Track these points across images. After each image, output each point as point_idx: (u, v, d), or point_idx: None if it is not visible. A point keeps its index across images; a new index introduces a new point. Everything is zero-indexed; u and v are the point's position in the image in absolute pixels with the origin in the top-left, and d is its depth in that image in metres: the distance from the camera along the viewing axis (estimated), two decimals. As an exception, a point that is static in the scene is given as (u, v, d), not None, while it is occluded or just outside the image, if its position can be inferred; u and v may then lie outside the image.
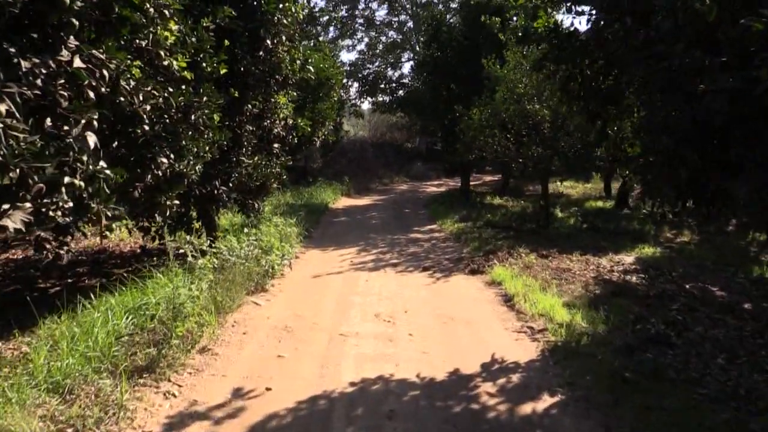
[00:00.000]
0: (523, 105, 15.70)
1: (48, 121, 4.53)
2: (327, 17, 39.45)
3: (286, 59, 10.08)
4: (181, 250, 8.92)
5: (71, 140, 4.71)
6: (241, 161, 10.16)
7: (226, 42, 7.70)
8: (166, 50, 5.90)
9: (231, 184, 9.97)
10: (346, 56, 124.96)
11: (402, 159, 39.56)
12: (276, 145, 11.87)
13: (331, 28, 40.72)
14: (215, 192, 9.53)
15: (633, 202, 21.89)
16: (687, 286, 10.43)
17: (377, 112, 42.35)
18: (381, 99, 41.57)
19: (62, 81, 4.50)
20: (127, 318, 6.60)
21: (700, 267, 11.87)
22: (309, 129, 12.62)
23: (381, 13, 42.50)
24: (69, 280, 10.35)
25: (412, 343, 7.09)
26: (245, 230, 10.82)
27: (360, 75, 41.15)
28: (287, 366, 6.34)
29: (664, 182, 6.03)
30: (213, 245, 9.49)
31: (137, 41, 5.64)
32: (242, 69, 9.31)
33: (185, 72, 6.19)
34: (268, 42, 9.34)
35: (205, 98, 6.90)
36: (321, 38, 27.16)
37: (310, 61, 11.63)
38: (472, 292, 9.59)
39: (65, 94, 4.51)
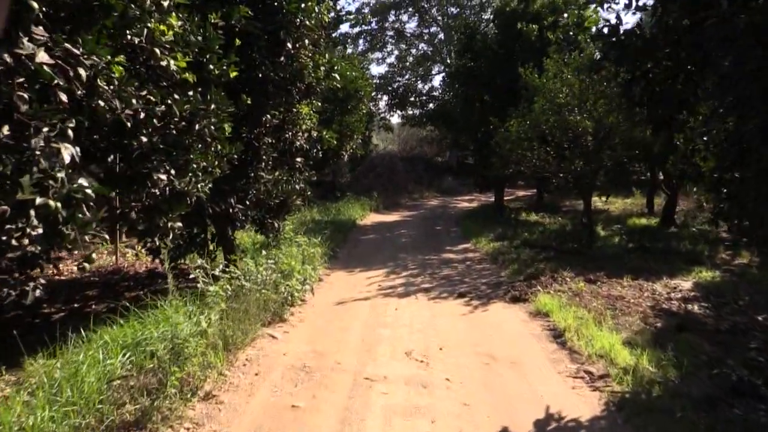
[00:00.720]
0: (564, 116, 14.59)
1: (5, 130, 3.66)
2: (357, 29, 38.88)
3: (309, 65, 9.20)
4: (192, 275, 8.04)
5: (38, 153, 3.83)
6: (260, 176, 9.27)
7: (238, 41, 6.81)
8: (164, 48, 5.02)
9: (248, 202, 9.08)
10: (376, 69, 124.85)
11: (432, 173, 38.54)
12: (299, 159, 10.97)
13: (361, 41, 40.13)
14: (230, 210, 8.64)
15: (681, 219, 20.52)
16: (760, 318, 9.17)
17: (407, 125, 41.51)
18: (411, 112, 40.76)
19: (21, 80, 3.62)
20: (124, 355, 5.70)
21: (771, 295, 10.57)
22: (335, 142, 11.67)
23: (411, 25, 41.97)
24: (76, 305, 9.57)
25: (449, 391, 6.02)
26: (264, 252, 9.90)
27: (389, 88, 40.40)
28: (303, 419, 5.34)
29: (761, 201, 4.91)
30: (228, 269, 8.59)
31: (128, 37, 4.77)
32: (260, 75, 8.44)
33: (186, 74, 5.31)
34: (289, 45, 8.46)
35: (213, 106, 6.00)
36: (350, 50, 26.45)
37: (336, 68, 10.71)
38: (516, 325, 8.48)
39: (25, 96, 3.63)
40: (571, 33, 16.69)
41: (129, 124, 4.56)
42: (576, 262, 13.27)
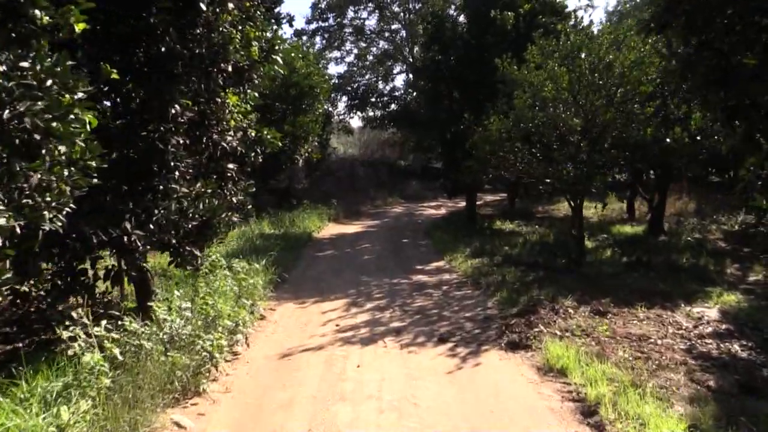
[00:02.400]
0: (552, 112, 12.46)
1: None
2: (313, 26, 36.36)
3: (235, 38, 6.74)
4: (64, 334, 5.51)
5: None
6: (171, 190, 6.75)
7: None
8: None
9: (154, 225, 6.55)
10: (334, 69, 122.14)
11: (395, 178, 36.24)
12: (231, 166, 8.49)
13: (318, 38, 37.58)
14: (124, 239, 6.10)
15: (667, 226, 18.70)
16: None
17: (368, 127, 39.16)
18: (372, 114, 38.46)
19: None
20: None
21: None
22: (279, 143, 9.25)
23: (371, 23, 40.03)
24: None
25: None
26: (179, 292, 7.35)
27: (349, 88, 37.95)
28: None
29: None
30: (121, 324, 6.06)
31: None
32: (163, 49, 5.94)
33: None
34: (203, 6, 5.98)
35: (46, 76, 3.51)
36: (306, 47, 23.94)
37: (276, 48, 8.24)
38: (523, 390, 6.17)
39: None
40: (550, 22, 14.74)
41: None
42: (571, 283, 11.15)
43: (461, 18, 19.28)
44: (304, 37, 34.75)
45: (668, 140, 12.56)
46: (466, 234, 18.35)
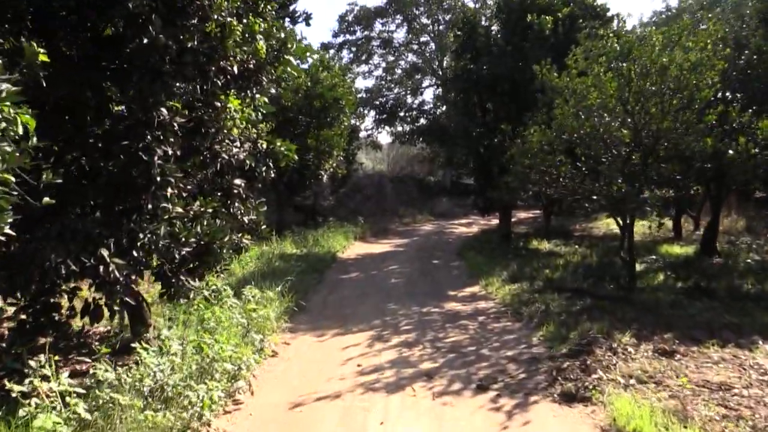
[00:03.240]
0: (596, 121, 11.21)
1: None
2: (340, 38, 35.61)
3: (236, 30, 5.71)
4: (20, 388, 4.46)
5: None
6: (162, 210, 5.70)
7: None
8: None
9: (138, 253, 5.49)
10: (362, 83, 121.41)
11: (425, 195, 35.06)
12: (238, 182, 7.44)
13: (345, 52, 36.81)
14: (101, 268, 5.05)
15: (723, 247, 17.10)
16: None
17: (396, 142, 38.14)
18: (400, 128, 37.46)
19: None
20: None
21: None
22: (293, 155, 8.18)
23: (399, 35, 39.07)
24: None
25: None
26: (167, 331, 6.26)
27: (377, 102, 37.02)
28: None
29: None
30: (96, 370, 5.01)
31: None
32: (145, 41, 4.92)
33: None
34: (194, -10, 4.94)
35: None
36: (334, 61, 22.99)
37: (289, 46, 7.19)
38: (588, 462, 4.89)
39: None
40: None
41: None
42: (625, 314, 9.81)
43: (494, 27, 18.07)
44: (331, 51, 33.98)
45: (731, 152, 11.19)
46: (501, 255, 17.06)
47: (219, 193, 7.56)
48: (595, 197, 11.85)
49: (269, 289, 10.09)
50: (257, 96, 7.49)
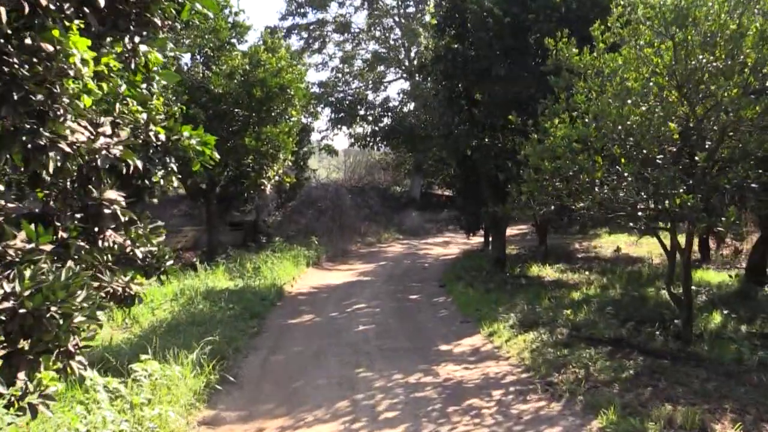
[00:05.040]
0: (644, 110, 9.00)
1: None
2: (289, 21, 33.05)
3: None
4: None
5: None
6: None
7: None
8: None
9: None
10: (315, 75, 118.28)
11: (390, 208, 32.63)
12: (113, 195, 4.88)
13: (294, 37, 34.23)
14: None
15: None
16: None
17: (355, 146, 35.70)
18: (360, 130, 35.09)
19: None
20: None
21: None
22: (211, 153, 5.56)
23: (359, 19, 36.27)
24: None
25: None
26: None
27: (332, 98, 34.50)
28: None
29: None
30: None
31: None
32: None
33: None
34: None
35: None
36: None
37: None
38: None
39: None
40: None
41: None
42: (704, 383, 7.60)
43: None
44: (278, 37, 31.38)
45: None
46: (497, 287, 14.74)
47: (78, 215, 4.96)
48: (640, 213, 9.61)
49: (181, 357, 7.41)
50: (144, 49, 4.89)
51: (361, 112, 34.78)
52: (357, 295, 14.87)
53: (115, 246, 5.42)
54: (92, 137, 4.49)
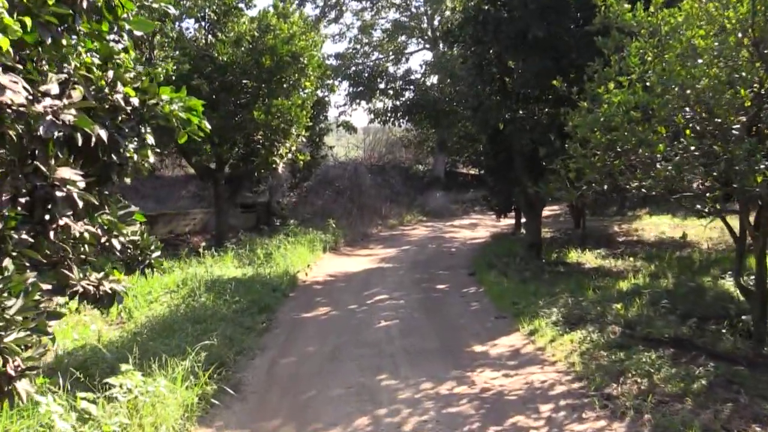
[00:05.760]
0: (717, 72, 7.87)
1: None
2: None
3: None
4: None
5: None
6: None
7: None
8: None
9: None
10: (332, 47, 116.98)
11: (413, 188, 31.59)
12: (66, 174, 3.93)
13: (309, 5, 33.09)
14: None
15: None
16: None
17: (375, 122, 34.61)
18: (380, 105, 34.01)
19: None
20: None
21: None
22: (199, 121, 4.59)
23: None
24: None
25: None
26: None
27: (350, 71, 33.39)
28: None
29: None
30: None
31: None
32: None
33: None
34: None
35: None
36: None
37: None
38: None
39: None
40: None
41: None
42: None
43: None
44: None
45: None
46: (533, 276, 13.70)
47: (23, 199, 4.04)
48: (709, 194, 8.49)
49: (171, 365, 6.52)
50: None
51: (381, 86, 33.68)
52: (378, 285, 13.94)
53: (87, 236, 4.56)
54: (30, 98, 3.54)
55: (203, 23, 16.32)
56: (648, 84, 8.08)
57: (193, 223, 22.07)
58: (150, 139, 4.93)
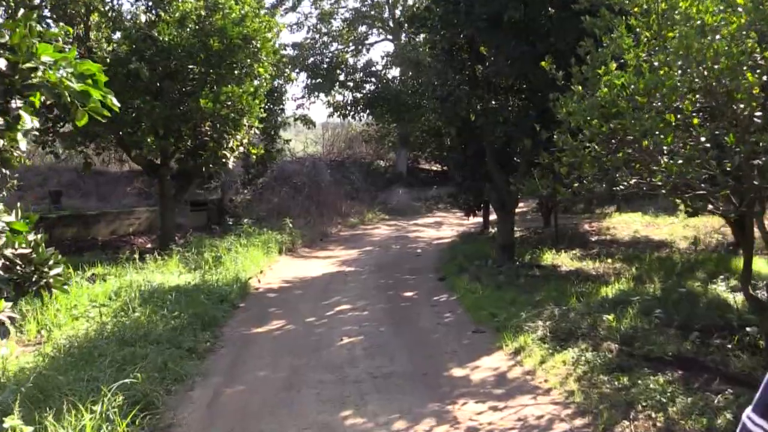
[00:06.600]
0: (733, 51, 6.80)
1: None
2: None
3: None
4: None
5: None
6: None
7: None
8: None
9: None
10: (289, 37, 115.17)
11: (374, 185, 30.51)
12: None
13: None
14: None
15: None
16: None
17: (335, 115, 33.37)
18: (340, 98, 32.85)
19: None
20: None
21: None
22: (101, 95, 3.21)
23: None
24: None
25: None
26: None
27: (308, 62, 32.04)
28: None
29: None
30: None
31: None
32: None
33: None
34: None
35: None
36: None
37: None
38: None
39: None
40: None
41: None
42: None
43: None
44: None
45: None
46: (508, 280, 12.60)
47: None
48: (719, 192, 7.43)
49: (80, 409, 5.14)
50: None
51: (341, 78, 32.44)
52: (339, 292, 12.66)
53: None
54: None
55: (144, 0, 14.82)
56: (656, 64, 6.97)
57: (137, 223, 20.53)
58: (26, 119, 3.60)
